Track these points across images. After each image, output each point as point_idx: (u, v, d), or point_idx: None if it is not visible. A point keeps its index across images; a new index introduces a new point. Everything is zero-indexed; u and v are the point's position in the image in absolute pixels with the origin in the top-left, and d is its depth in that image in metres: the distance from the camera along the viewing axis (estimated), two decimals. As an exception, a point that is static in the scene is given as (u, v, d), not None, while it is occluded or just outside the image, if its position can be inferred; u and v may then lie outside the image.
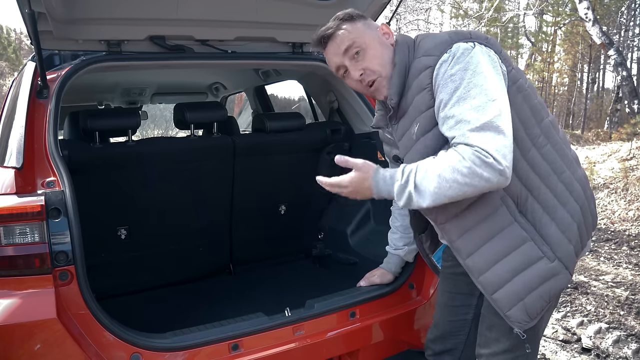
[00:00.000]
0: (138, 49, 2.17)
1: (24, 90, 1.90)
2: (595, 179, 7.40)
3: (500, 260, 1.44)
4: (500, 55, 1.41)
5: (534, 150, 1.42)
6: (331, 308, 1.82)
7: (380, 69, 1.48)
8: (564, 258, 1.44)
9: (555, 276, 1.43)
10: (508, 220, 1.42)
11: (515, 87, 1.40)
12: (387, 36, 1.52)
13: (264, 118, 2.53)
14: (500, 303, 1.47)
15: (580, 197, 1.47)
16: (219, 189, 2.50)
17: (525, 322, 1.46)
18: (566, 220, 1.44)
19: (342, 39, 1.47)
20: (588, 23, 11.25)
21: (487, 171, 1.25)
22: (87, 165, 2.10)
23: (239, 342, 1.69)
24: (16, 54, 30.66)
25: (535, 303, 1.44)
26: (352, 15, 1.51)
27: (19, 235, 1.47)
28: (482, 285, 1.49)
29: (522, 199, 1.42)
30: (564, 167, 1.45)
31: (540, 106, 1.47)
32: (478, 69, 1.31)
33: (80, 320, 1.53)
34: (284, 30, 2.38)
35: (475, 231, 1.46)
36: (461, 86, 1.30)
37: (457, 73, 1.31)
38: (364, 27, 1.49)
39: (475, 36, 1.41)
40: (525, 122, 1.41)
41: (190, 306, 2.28)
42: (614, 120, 14.21)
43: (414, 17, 20.85)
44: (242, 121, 4.87)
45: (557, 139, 1.47)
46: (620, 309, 3.73)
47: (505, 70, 1.40)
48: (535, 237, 1.43)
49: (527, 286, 1.43)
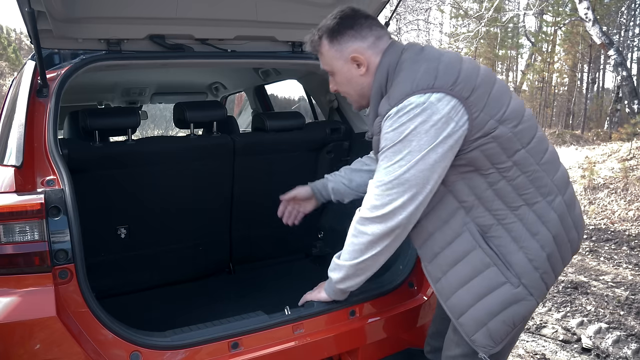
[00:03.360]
0: (138, 48, 2.17)
1: (23, 89, 1.90)
2: (595, 179, 7.40)
3: (464, 285, 1.48)
4: (467, 100, 1.38)
5: (503, 182, 1.44)
6: (331, 307, 1.82)
7: (350, 92, 1.63)
8: (529, 284, 1.45)
9: (519, 302, 1.45)
10: (471, 245, 1.46)
11: (481, 132, 1.39)
12: (358, 65, 1.56)
13: (264, 117, 2.53)
14: (466, 328, 1.51)
15: (555, 226, 1.47)
16: (218, 188, 2.50)
17: (489, 347, 1.49)
18: (534, 250, 1.44)
19: (320, 59, 1.63)
20: (588, 23, 11.25)
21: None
22: (86, 164, 2.10)
23: (238, 340, 1.69)
24: (16, 54, 30.63)
25: (499, 328, 1.46)
26: (334, 30, 1.55)
27: (19, 233, 1.47)
28: (449, 310, 1.54)
29: (487, 227, 1.46)
30: (537, 197, 1.46)
31: (518, 136, 1.44)
32: (409, 138, 1.38)
33: (79, 319, 1.52)
34: (284, 29, 2.38)
35: (442, 256, 1.51)
36: (388, 148, 1.42)
37: (390, 134, 1.41)
38: (335, 54, 1.56)
39: (442, 81, 1.39)
40: (493, 157, 1.42)
41: (190, 305, 2.28)
42: (614, 120, 14.22)
43: (414, 17, 20.87)
44: (242, 121, 4.88)
45: (535, 168, 1.46)
46: (620, 309, 3.73)
47: (464, 121, 1.37)
48: (498, 263, 1.45)
49: (489, 311, 1.46)
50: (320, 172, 2.73)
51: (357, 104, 1.68)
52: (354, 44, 1.53)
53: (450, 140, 1.37)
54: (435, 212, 1.50)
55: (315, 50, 1.61)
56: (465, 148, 1.41)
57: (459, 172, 1.45)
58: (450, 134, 1.37)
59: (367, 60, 1.53)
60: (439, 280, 1.54)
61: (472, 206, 1.46)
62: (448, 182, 1.46)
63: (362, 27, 1.53)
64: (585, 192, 7.27)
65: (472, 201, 1.45)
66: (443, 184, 1.47)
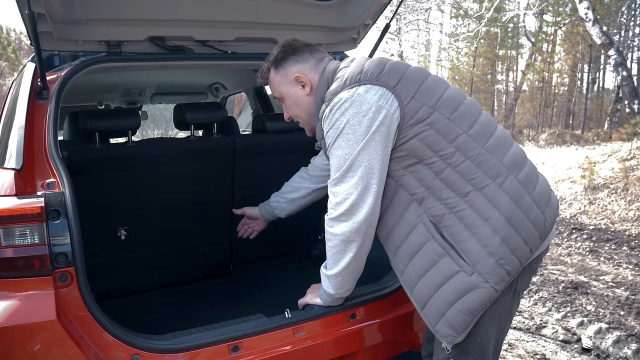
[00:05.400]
0: (138, 50, 2.17)
1: (23, 91, 1.90)
2: (596, 179, 7.40)
3: (422, 277, 1.52)
4: (395, 88, 1.47)
5: (448, 169, 1.46)
6: (331, 309, 1.82)
7: (300, 114, 1.74)
8: (484, 271, 1.44)
9: (473, 289, 1.45)
10: (425, 237, 1.50)
11: (415, 118, 1.46)
12: (302, 85, 1.68)
13: (264, 118, 2.53)
14: (429, 318, 1.55)
15: (508, 208, 1.45)
16: (218, 189, 2.50)
17: (451, 336, 1.51)
18: (486, 235, 1.44)
19: (270, 87, 1.76)
20: (588, 23, 11.25)
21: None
22: (87, 166, 2.10)
23: (239, 343, 1.69)
24: (16, 54, 30.64)
25: (457, 317, 1.48)
26: (278, 57, 1.69)
27: (19, 236, 1.47)
28: (414, 301, 1.60)
29: (439, 217, 1.48)
30: (486, 181, 1.46)
31: (456, 121, 1.48)
32: (345, 131, 1.48)
33: (80, 322, 1.52)
34: (284, 30, 2.37)
35: (402, 250, 1.56)
36: (331, 145, 1.52)
37: (330, 132, 1.52)
38: (281, 79, 1.70)
39: (366, 75, 1.50)
40: (433, 145, 1.46)
41: (190, 307, 2.28)
42: (614, 120, 14.21)
43: (414, 17, 20.88)
44: (242, 121, 4.87)
45: (479, 151, 1.47)
46: (621, 309, 3.73)
47: (395, 108, 1.46)
48: (450, 252, 1.47)
49: (446, 300, 1.49)
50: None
51: (308, 126, 1.77)
52: (296, 67, 1.67)
53: (384, 128, 1.45)
54: (392, 206, 1.56)
55: (265, 80, 1.75)
56: (403, 137, 1.47)
57: (404, 167, 1.50)
58: (383, 121, 1.44)
59: (310, 80, 1.67)
60: (403, 273, 1.60)
61: (423, 197, 1.50)
62: (396, 176, 1.52)
63: (303, 52, 1.68)
64: (586, 192, 7.27)
65: (422, 192, 1.49)
66: (393, 179, 1.53)
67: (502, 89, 25.48)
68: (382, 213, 1.57)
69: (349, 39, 2.56)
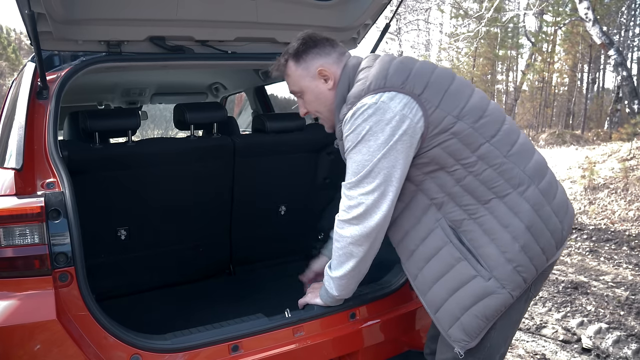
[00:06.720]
0: (138, 50, 2.17)
1: (23, 91, 1.90)
2: (596, 179, 7.40)
3: (438, 280, 1.51)
4: (420, 97, 1.43)
5: (470, 177, 1.45)
6: (331, 309, 1.82)
7: (320, 109, 1.67)
8: (501, 277, 1.44)
9: (490, 295, 1.45)
10: (443, 241, 1.49)
11: (439, 128, 1.43)
12: (325, 79, 1.62)
13: (264, 118, 2.53)
14: (442, 322, 1.54)
15: (528, 216, 1.46)
16: (218, 189, 2.50)
17: (464, 341, 1.50)
18: (506, 242, 1.44)
19: (288, 81, 1.68)
20: (588, 23, 11.25)
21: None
22: (86, 166, 2.10)
23: (239, 343, 1.69)
24: (16, 54, 30.64)
25: (472, 322, 1.47)
26: (299, 50, 1.62)
27: (19, 236, 1.47)
28: (427, 305, 1.58)
29: (459, 222, 1.47)
30: (508, 189, 1.46)
31: (480, 130, 1.46)
32: (366, 137, 1.44)
33: (80, 322, 1.52)
34: (284, 30, 2.37)
35: (417, 253, 1.55)
36: (350, 150, 1.49)
37: (350, 137, 1.48)
38: (302, 72, 1.63)
39: (392, 81, 1.45)
40: (456, 154, 1.45)
41: (190, 307, 2.28)
42: (614, 120, 14.22)
43: (414, 17, 20.88)
44: (242, 121, 4.86)
45: (502, 160, 1.47)
46: (621, 309, 3.73)
47: (419, 117, 1.42)
48: (468, 257, 1.46)
49: (462, 305, 1.48)
50: (320, 173, 2.73)
51: (329, 122, 1.72)
52: (319, 61, 1.62)
53: (407, 137, 1.42)
54: (409, 210, 1.54)
55: (282, 73, 1.68)
56: (426, 146, 1.45)
57: (425, 172, 1.49)
58: (406, 130, 1.41)
59: (333, 74, 1.61)
60: (416, 277, 1.58)
61: (443, 202, 1.49)
62: (416, 181, 1.50)
63: (325, 46, 1.63)
64: (586, 192, 7.27)
65: (442, 198, 1.48)
66: (413, 183, 1.51)
67: (502, 89, 25.48)
68: (397, 216, 1.55)
69: (349, 38, 2.56)
